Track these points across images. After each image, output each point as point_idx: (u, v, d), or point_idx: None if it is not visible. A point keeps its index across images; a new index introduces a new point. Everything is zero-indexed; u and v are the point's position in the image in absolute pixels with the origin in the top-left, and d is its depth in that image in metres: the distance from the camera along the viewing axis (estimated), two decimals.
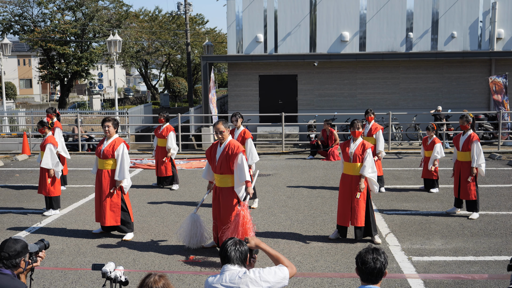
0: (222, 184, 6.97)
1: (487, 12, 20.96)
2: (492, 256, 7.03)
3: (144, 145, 19.64)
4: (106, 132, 7.81)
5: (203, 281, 5.93)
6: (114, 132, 7.85)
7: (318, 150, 16.50)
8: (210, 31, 51.33)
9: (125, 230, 7.92)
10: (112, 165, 7.82)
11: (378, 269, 3.34)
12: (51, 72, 36.99)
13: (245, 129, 9.86)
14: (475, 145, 8.81)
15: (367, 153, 7.56)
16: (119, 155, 7.74)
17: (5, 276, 3.48)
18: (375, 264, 3.34)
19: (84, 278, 6.39)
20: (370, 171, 7.53)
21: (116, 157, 7.76)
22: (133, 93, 70.08)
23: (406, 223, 8.77)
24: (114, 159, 7.80)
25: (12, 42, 27.48)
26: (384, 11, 21.21)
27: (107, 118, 7.85)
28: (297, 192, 11.32)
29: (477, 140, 8.89)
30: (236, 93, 22.05)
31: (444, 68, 21.38)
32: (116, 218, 7.78)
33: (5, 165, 15.84)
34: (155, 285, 3.17)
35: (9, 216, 9.49)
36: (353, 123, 7.81)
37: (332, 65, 21.58)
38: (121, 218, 7.83)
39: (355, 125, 7.75)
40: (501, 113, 17.80)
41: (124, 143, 7.86)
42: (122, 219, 7.85)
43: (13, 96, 50.66)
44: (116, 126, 7.88)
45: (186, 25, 34.29)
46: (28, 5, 36.93)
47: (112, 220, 7.77)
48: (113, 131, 7.81)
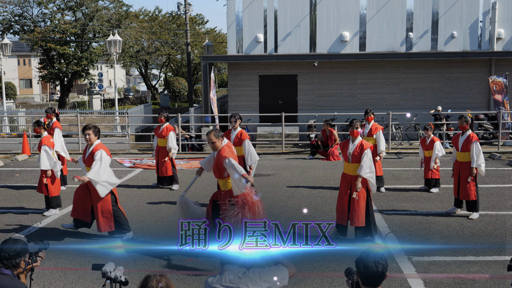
0: (224, 187, 7.10)
1: (487, 12, 20.95)
2: (492, 256, 7.02)
3: (144, 145, 19.64)
4: (87, 140, 7.85)
5: (203, 281, 5.92)
6: (95, 139, 7.86)
7: (318, 150, 16.50)
8: (210, 31, 51.31)
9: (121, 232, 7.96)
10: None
11: (380, 272, 3.28)
12: (51, 72, 36.98)
13: (241, 131, 9.86)
14: (474, 145, 8.80)
15: (365, 153, 7.55)
16: (97, 160, 7.68)
17: (5, 276, 3.48)
18: (377, 267, 3.28)
19: (84, 278, 6.39)
20: (367, 171, 7.52)
21: (95, 162, 7.70)
22: (133, 93, 70.06)
23: (406, 223, 8.77)
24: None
25: (12, 42, 27.48)
26: (384, 11, 21.20)
27: (87, 126, 7.91)
28: (297, 192, 11.32)
29: (476, 140, 8.89)
30: (236, 93, 22.04)
31: (444, 68, 21.37)
32: (110, 224, 7.82)
33: (5, 165, 15.84)
34: (159, 283, 3.18)
35: (9, 216, 9.48)
36: (351, 122, 7.80)
37: (332, 65, 21.57)
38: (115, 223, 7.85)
39: (353, 125, 7.74)
40: (501, 113, 17.80)
41: (103, 149, 7.81)
42: (117, 220, 7.87)
43: (13, 96, 50.64)
44: (97, 133, 7.89)
45: (186, 25, 34.28)
46: (28, 5, 36.94)
47: (107, 227, 7.82)
48: (94, 139, 7.83)
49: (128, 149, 18.74)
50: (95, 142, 7.86)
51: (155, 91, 56.94)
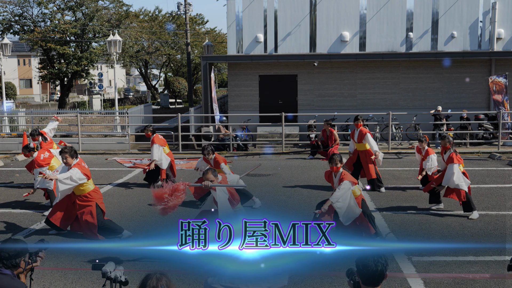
0: None
1: (487, 12, 20.95)
2: (492, 256, 7.02)
3: (144, 145, 19.63)
4: (65, 163, 8.07)
5: (203, 281, 5.92)
6: (72, 160, 8.00)
7: (318, 150, 16.49)
8: (210, 31, 51.31)
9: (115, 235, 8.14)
10: (79, 190, 8.05)
11: (379, 271, 3.30)
12: (51, 72, 36.98)
13: (215, 156, 9.94)
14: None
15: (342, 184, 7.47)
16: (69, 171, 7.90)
17: (5, 276, 3.48)
18: (377, 266, 3.29)
19: (84, 278, 6.39)
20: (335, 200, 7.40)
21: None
22: (133, 93, 70.07)
23: (406, 223, 8.77)
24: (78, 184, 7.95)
25: (12, 42, 27.46)
26: (384, 11, 21.20)
27: (63, 150, 8.07)
28: (297, 192, 11.32)
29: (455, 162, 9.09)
30: (236, 93, 22.04)
31: (444, 68, 21.35)
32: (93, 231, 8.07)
33: (5, 165, 15.84)
34: (159, 282, 3.18)
35: (9, 216, 9.48)
36: (331, 159, 7.71)
37: (332, 65, 21.57)
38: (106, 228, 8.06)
39: (333, 161, 7.66)
40: (501, 113, 17.79)
41: (77, 167, 7.93)
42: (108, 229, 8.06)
43: (13, 96, 50.63)
44: (73, 155, 8.03)
45: (186, 25, 34.28)
46: (28, 5, 36.94)
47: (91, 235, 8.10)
48: (70, 161, 7.99)
49: (128, 149, 18.74)
50: (73, 163, 8.00)
51: (155, 91, 56.95)
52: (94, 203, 8.07)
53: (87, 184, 8.08)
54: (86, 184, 8.05)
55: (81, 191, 8.06)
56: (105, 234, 8.06)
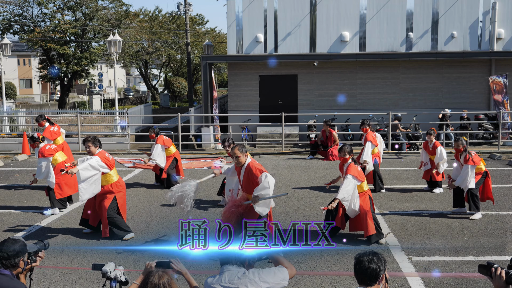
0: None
1: (487, 12, 20.94)
2: (492, 256, 7.02)
3: (144, 145, 19.62)
4: (88, 153, 8.09)
5: (203, 281, 5.91)
6: (95, 149, 8.02)
7: (318, 150, 16.49)
8: (210, 31, 51.27)
9: (121, 233, 8.06)
10: (103, 181, 7.99)
11: (371, 269, 3.23)
12: (51, 72, 36.97)
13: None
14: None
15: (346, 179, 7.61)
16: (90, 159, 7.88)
17: (4, 277, 3.47)
18: (369, 263, 3.23)
19: (84, 278, 6.38)
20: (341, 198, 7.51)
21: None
22: (133, 93, 69.98)
23: (406, 223, 8.77)
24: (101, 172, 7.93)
25: (12, 42, 27.45)
26: (384, 11, 21.19)
27: (86, 139, 8.09)
28: (297, 192, 11.32)
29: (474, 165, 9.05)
30: (236, 93, 22.04)
31: (444, 68, 21.35)
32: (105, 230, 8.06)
33: (5, 165, 15.84)
34: (161, 280, 3.19)
35: (9, 216, 9.48)
36: (340, 149, 7.96)
37: (332, 65, 21.56)
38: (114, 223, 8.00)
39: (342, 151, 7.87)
40: (501, 113, 17.79)
41: (98, 156, 7.94)
42: (115, 223, 7.99)
43: (13, 96, 50.61)
44: (96, 144, 8.05)
45: (186, 25, 34.26)
46: (28, 5, 36.92)
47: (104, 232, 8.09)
48: (94, 149, 8.01)
49: (128, 149, 18.74)
50: (97, 151, 8.02)
51: (155, 91, 56.91)
52: (112, 196, 8.04)
53: (111, 175, 8.05)
54: (110, 176, 8.02)
55: (105, 182, 7.99)
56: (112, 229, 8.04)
